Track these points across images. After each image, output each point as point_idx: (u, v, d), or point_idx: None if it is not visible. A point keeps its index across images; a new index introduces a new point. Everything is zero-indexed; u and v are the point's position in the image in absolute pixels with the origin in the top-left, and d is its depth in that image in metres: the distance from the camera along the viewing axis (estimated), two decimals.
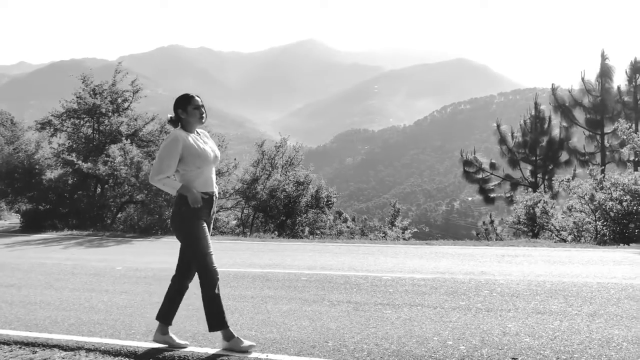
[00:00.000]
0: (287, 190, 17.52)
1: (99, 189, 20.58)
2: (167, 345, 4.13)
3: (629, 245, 10.63)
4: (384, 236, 18.03)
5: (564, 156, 20.70)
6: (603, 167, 18.22)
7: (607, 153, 19.70)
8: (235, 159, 19.01)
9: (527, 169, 21.84)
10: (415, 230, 20.50)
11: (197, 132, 4.17)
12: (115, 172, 17.47)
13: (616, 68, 19.99)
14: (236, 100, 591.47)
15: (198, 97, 4.15)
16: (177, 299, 4.25)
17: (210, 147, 4.15)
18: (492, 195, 21.57)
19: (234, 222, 20.08)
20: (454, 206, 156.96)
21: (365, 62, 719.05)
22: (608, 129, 19.93)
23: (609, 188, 12.53)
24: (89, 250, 11.73)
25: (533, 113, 21.09)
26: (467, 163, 21.64)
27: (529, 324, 4.57)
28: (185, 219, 4.00)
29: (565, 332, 4.29)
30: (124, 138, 19.25)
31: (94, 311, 5.45)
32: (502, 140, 21.27)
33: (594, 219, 12.75)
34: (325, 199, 18.39)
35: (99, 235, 14.98)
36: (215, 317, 4.03)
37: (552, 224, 13.63)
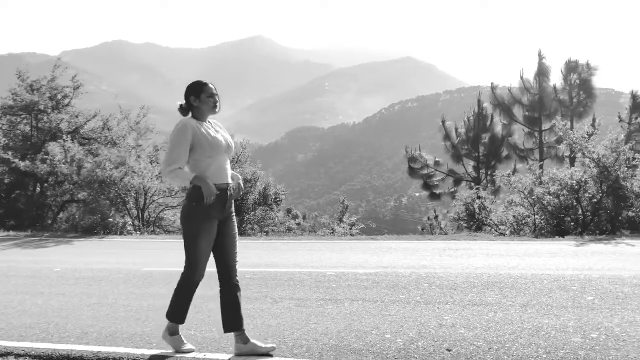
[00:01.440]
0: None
1: (39, 189, 19.81)
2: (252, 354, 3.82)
3: (564, 237, 11.07)
4: (332, 232, 18.15)
5: (505, 152, 21.39)
6: (542, 162, 18.95)
7: (545, 149, 20.49)
8: None
9: (470, 165, 22.43)
10: (363, 226, 20.71)
11: (209, 122, 3.95)
12: (56, 170, 16.84)
13: (553, 67, 20.82)
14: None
15: (212, 84, 3.97)
16: (235, 303, 3.93)
17: (222, 135, 3.91)
18: (436, 191, 22.06)
19: None
20: (402, 202, 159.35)
21: (316, 60, 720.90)
22: (546, 126, 20.73)
23: (547, 183, 13.00)
24: (27, 251, 11.27)
25: (476, 111, 21.69)
26: (412, 160, 22.05)
27: (465, 315, 4.70)
28: (194, 217, 3.76)
29: (499, 322, 4.43)
30: (64, 135, 18.58)
31: (27, 315, 5.25)
32: (447, 137, 21.78)
33: (532, 212, 13.21)
34: (274, 197, 18.31)
35: (39, 236, 14.41)
36: (175, 311, 3.92)
37: (492, 219, 14.05)
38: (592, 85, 20.10)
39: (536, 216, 13.09)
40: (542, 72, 20.38)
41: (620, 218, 12.58)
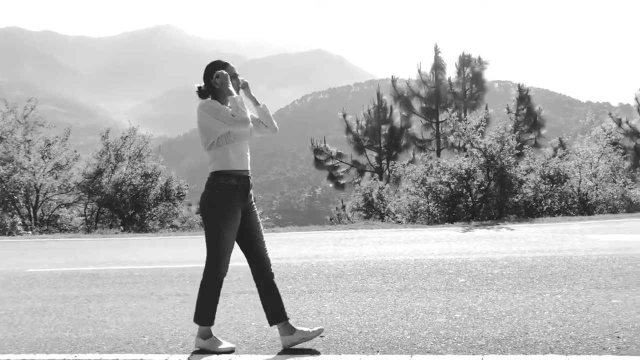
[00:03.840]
0: (134, 183, 16.82)
1: None
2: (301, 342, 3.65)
3: (453, 223, 11.71)
4: None
5: (404, 142, 22.23)
6: (438, 152, 19.87)
7: (442, 139, 21.50)
8: (75, 151, 17.83)
9: (373, 155, 23.10)
10: (267, 218, 20.79)
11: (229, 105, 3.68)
12: None
13: (448, 61, 21.85)
14: (87, 88, 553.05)
15: (233, 64, 3.74)
16: (276, 292, 3.74)
17: None
18: (341, 181, 22.58)
19: (79, 218, 18.85)
20: (315, 193, 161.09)
21: (227, 50, 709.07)
22: (442, 117, 21.75)
23: (438, 172, 13.67)
24: None
25: (376, 103, 22.36)
26: (317, 151, 22.40)
27: (344, 302, 4.88)
28: (217, 205, 3.52)
29: (374, 307, 4.64)
30: None
31: None
32: (348, 129, 22.33)
33: (426, 201, 13.85)
34: (176, 191, 17.94)
35: None
36: (202, 313, 3.68)
37: (389, 208, 14.60)
38: (483, 78, 21.32)
39: (430, 204, 13.74)
40: (438, 66, 21.35)
41: (506, 204, 13.47)
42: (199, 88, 3.74)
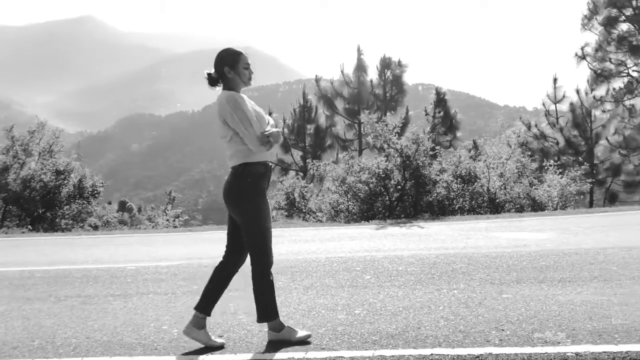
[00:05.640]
0: (44, 180, 15.99)
1: None
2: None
3: (369, 222, 11.95)
4: (155, 225, 17.63)
5: (328, 142, 22.50)
6: (360, 152, 20.24)
7: (363, 140, 21.94)
8: None
9: (298, 154, 23.21)
10: (187, 217, 20.43)
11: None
12: None
13: (371, 63, 22.35)
14: None
15: (245, 53, 3.59)
16: (223, 287, 3.81)
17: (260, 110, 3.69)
18: None
19: None
20: None
21: (150, 44, 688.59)
22: (364, 118, 22.16)
23: (358, 172, 13.92)
24: None
25: (301, 102, 22.49)
26: None
27: (249, 302, 4.86)
28: (252, 195, 3.47)
29: (278, 305, 4.58)
30: None
31: None
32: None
33: (346, 199, 14.07)
34: (90, 189, 17.22)
35: None
36: (266, 310, 3.62)
37: (310, 207, 14.73)
38: (402, 81, 21.95)
39: (349, 202, 13.96)
40: (361, 67, 21.78)
41: (421, 203, 13.91)
42: (209, 75, 3.64)
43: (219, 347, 3.63)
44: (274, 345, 3.59)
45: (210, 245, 8.78)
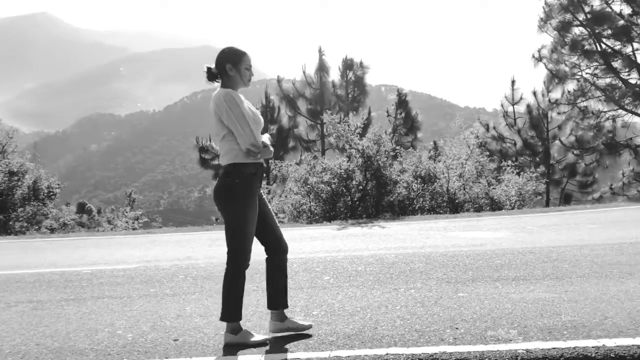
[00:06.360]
0: None
1: None
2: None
3: (331, 222, 11.99)
4: (113, 228, 17.27)
5: (291, 143, 22.48)
6: (323, 152, 20.28)
7: (326, 140, 21.99)
8: None
9: None
10: (146, 219, 20.08)
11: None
12: None
13: (332, 64, 22.43)
14: None
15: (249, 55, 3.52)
16: (285, 276, 3.85)
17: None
18: None
19: None
20: (206, 192, 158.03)
21: (109, 42, 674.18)
22: (326, 119, 22.24)
23: (320, 172, 13.95)
24: None
25: (264, 102, 22.39)
26: (202, 150, 21.98)
27: (206, 304, 4.82)
28: (239, 194, 3.45)
29: None
30: None
31: None
32: None
33: (308, 200, 14.08)
34: (46, 190, 16.74)
35: None
36: (228, 310, 3.59)
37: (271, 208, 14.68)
38: (364, 82, 22.11)
39: (312, 203, 13.98)
40: (322, 68, 21.82)
41: (382, 203, 14.04)
42: (209, 69, 3.61)
43: (308, 327, 3.77)
44: (230, 349, 3.56)
45: (169, 247, 8.66)
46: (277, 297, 3.78)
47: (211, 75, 3.61)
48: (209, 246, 8.54)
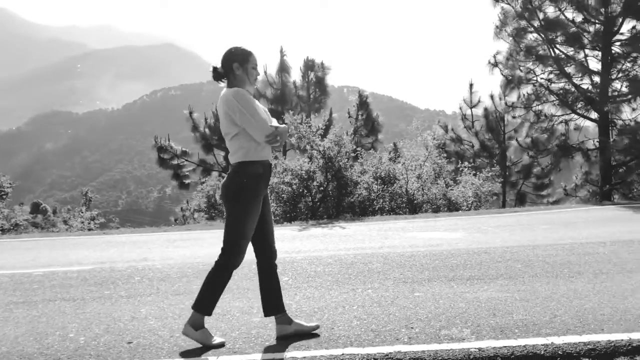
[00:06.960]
0: None
1: None
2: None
3: (292, 223, 11.99)
4: (69, 228, 16.83)
5: None
6: (284, 153, 20.23)
7: (287, 141, 21.95)
8: None
9: (221, 154, 22.89)
10: (103, 220, 19.65)
11: None
12: None
13: (294, 64, 22.42)
14: None
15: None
16: (278, 284, 3.75)
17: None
18: (186, 181, 22.07)
19: None
20: (166, 192, 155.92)
21: (66, 38, 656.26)
22: (287, 119, 22.21)
23: (281, 173, 13.91)
24: None
25: None
26: (161, 149, 21.65)
27: (162, 306, 4.75)
28: (246, 193, 3.44)
29: (187, 308, 4.57)
30: None
31: None
32: (195, 128, 21.90)
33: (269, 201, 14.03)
34: None
35: None
36: (203, 301, 3.58)
37: None
38: (325, 83, 22.18)
39: (272, 204, 13.93)
40: (284, 68, 21.79)
41: (343, 204, 14.11)
42: (215, 69, 3.57)
43: (315, 327, 3.78)
44: (186, 353, 3.52)
45: (125, 248, 8.49)
46: (276, 300, 3.76)
47: (217, 75, 3.58)
48: (166, 247, 8.41)
